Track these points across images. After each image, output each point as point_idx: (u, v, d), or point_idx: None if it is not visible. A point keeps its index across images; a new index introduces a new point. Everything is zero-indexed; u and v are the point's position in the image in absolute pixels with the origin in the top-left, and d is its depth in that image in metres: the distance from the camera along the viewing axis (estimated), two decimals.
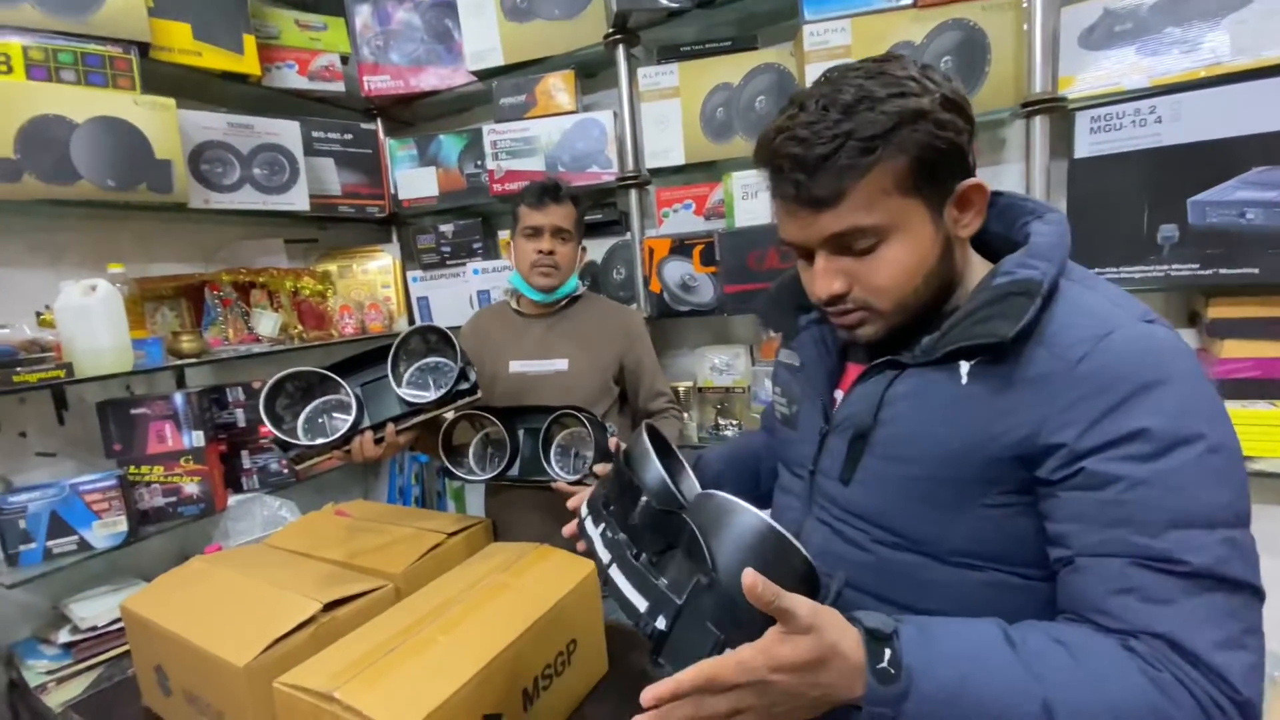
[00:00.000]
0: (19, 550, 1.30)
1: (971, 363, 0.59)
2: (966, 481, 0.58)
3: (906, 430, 0.62)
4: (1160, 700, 0.47)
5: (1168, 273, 1.25)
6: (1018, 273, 0.58)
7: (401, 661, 0.87)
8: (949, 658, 0.50)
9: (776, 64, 1.52)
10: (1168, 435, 0.51)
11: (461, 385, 1.16)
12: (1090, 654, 0.49)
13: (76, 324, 1.33)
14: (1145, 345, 0.54)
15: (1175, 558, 0.49)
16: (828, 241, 0.61)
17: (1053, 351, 0.55)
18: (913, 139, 0.56)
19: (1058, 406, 0.54)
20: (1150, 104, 1.23)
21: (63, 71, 1.37)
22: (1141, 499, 0.50)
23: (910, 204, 0.59)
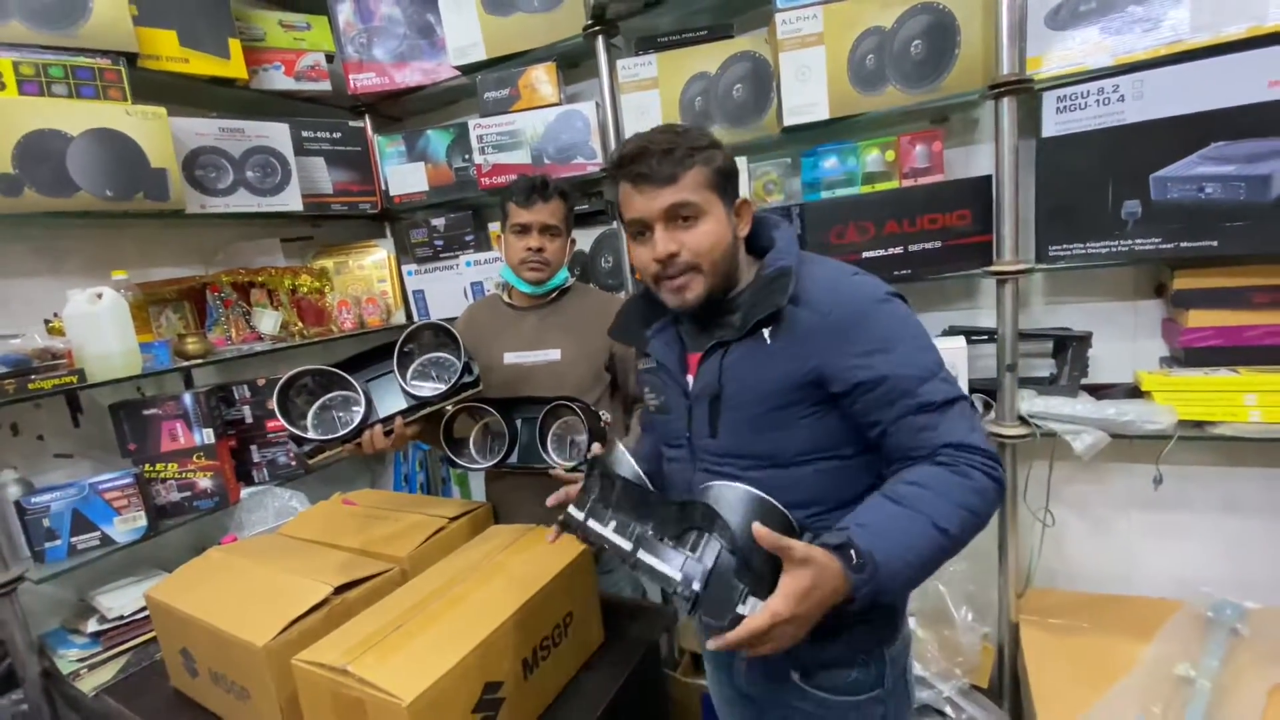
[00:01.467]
0: (44, 547, 1.37)
1: (769, 329, 0.86)
2: (786, 406, 0.86)
3: (741, 384, 0.88)
4: (966, 482, 0.77)
5: (1132, 247, 1.29)
6: (777, 264, 0.88)
7: (409, 637, 0.94)
8: (881, 532, 0.73)
9: (752, 52, 1.54)
10: (885, 340, 0.82)
11: (465, 379, 1.23)
12: (928, 480, 0.78)
13: (85, 331, 1.38)
14: (855, 295, 0.85)
15: (930, 400, 0.80)
16: (666, 212, 0.85)
17: (811, 309, 0.84)
18: (715, 156, 0.87)
19: (824, 348, 0.83)
20: (1114, 83, 1.26)
21: (54, 85, 1.40)
22: (900, 379, 0.80)
23: (714, 198, 0.87)
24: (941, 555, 0.76)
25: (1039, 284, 1.54)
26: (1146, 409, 1.31)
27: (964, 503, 0.76)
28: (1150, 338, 1.46)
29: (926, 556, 0.75)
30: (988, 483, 0.78)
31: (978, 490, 0.77)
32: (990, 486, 0.78)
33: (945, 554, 0.76)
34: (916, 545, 0.74)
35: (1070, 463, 1.47)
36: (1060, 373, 1.46)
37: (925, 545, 0.74)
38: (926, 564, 0.75)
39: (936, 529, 0.74)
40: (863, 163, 1.50)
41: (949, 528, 0.75)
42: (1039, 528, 1.55)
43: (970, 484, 0.77)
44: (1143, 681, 1.23)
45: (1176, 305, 1.36)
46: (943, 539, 0.75)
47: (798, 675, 0.94)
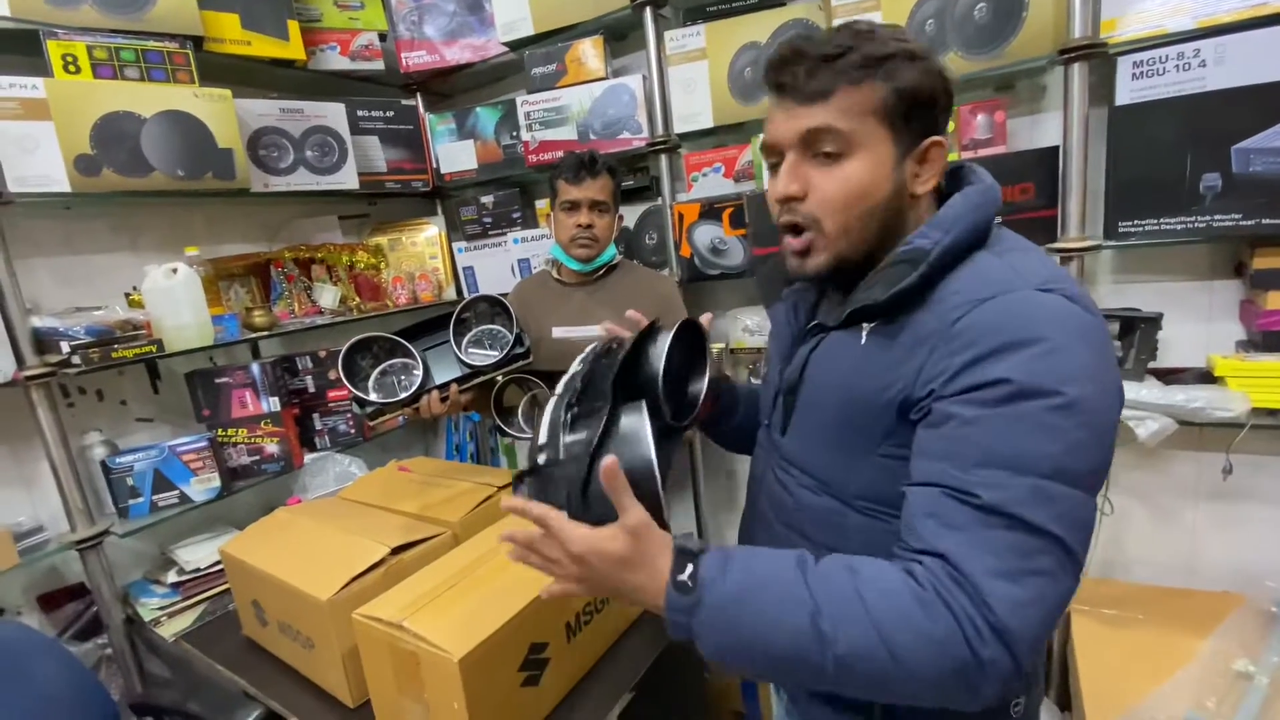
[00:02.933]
0: (128, 504, 1.48)
1: (870, 325, 0.65)
2: (863, 429, 0.64)
3: (822, 384, 0.70)
4: (919, 615, 0.51)
5: (1210, 223, 1.22)
6: (913, 242, 0.62)
7: (460, 596, 0.98)
8: (737, 573, 0.57)
9: (804, 19, 1.49)
10: (1017, 388, 0.53)
11: (517, 349, 1.27)
12: (871, 577, 0.54)
13: (162, 304, 1.47)
14: (1024, 308, 0.56)
15: (972, 491, 0.53)
16: (802, 139, 0.64)
17: (935, 313, 0.60)
18: (902, 72, 0.61)
19: (931, 360, 0.58)
20: (1194, 47, 1.18)
21: (126, 69, 1.47)
22: (963, 437, 0.55)
23: (880, 132, 0.62)
24: (796, 663, 0.54)
25: (1107, 262, 1.46)
26: (1218, 395, 1.24)
27: (885, 626, 0.51)
28: (1226, 320, 1.38)
29: (774, 649, 0.54)
30: (953, 641, 0.50)
31: (925, 635, 0.51)
32: (954, 650, 0.50)
33: (802, 667, 0.54)
34: (769, 626, 0.54)
35: (1133, 449, 1.40)
36: (1126, 355, 1.39)
37: (781, 636, 0.54)
38: (768, 658, 0.55)
39: (814, 627, 0.52)
40: None
41: (829, 631, 0.52)
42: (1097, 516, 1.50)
43: (925, 622, 0.51)
44: (1198, 675, 1.19)
45: (1256, 286, 1.27)
46: (811, 645, 0.53)
47: None
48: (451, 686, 0.87)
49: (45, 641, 1.23)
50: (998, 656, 0.50)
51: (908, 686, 0.52)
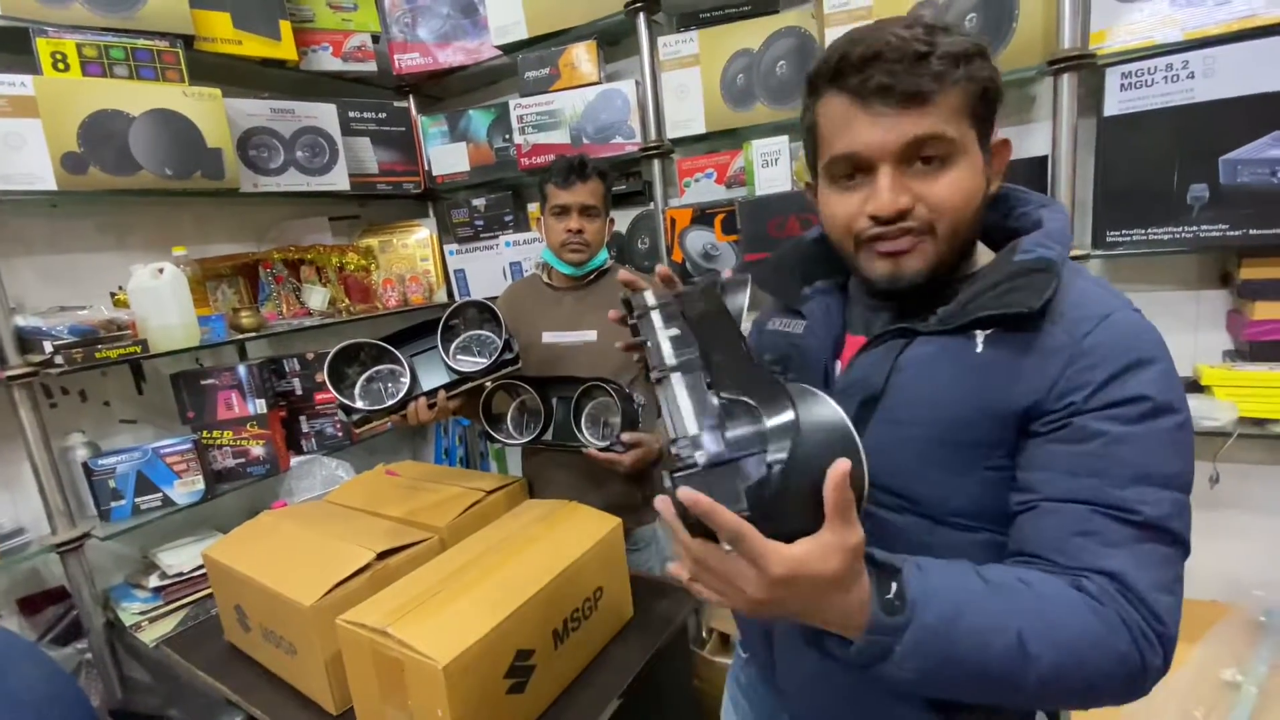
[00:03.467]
0: (110, 506, 1.46)
1: (988, 332, 0.61)
2: (973, 444, 0.61)
3: (919, 394, 0.63)
4: (1103, 632, 0.52)
5: (1197, 233, 1.23)
6: (1038, 251, 0.60)
7: (446, 602, 0.97)
8: (945, 590, 0.53)
9: (798, 27, 1.50)
10: (1154, 405, 0.55)
11: (506, 355, 1.26)
12: (1049, 592, 0.54)
13: (148, 304, 1.46)
14: (1139, 328, 0.59)
15: (1132, 508, 0.54)
16: (904, 149, 0.59)
17: (1063, 326, 0.58)
18: (982, 71, 0.59)
19: (1066, 373, 0.57)
20: (1183, 59, 1.19)
21: (115, 67, 1.46)
22: (1116, 454, 0.55)
23: (972, 133, 0.60)
24: (1000, 682, 0.53)
25: (1095, 271, 1.47)
26: (1205, 405, 1.25)
27: (1077, 645, 0.52)
28: (1213, 330, 1.39)
29: (990, 666, 0.52)
30: (1130, 653, 0.52)
31: (1110, 649, 0.52)
32: (1130, 661, 0.52)
33: (1004, 685, 0.53)
34: (979, 648, 0.51)
35: None
36: None
37: (991, 655, 0.51)
38: (972, 677, 0.53)
39: (1018, 642, 0.51)
40: None
41: (1035, 651, 0.51)
42: None
43: (1104, 635, 0.52)
44: (1186, 684, 1.19)
45: (1243, 296, 1.29)
46: (1017, 664, 0.51)
47: None
48: (436, 694, 0.85)
49: (25, 645, 1.20)
50: (1161, 662, 0.54)
51: (1086, 697, 0.55)
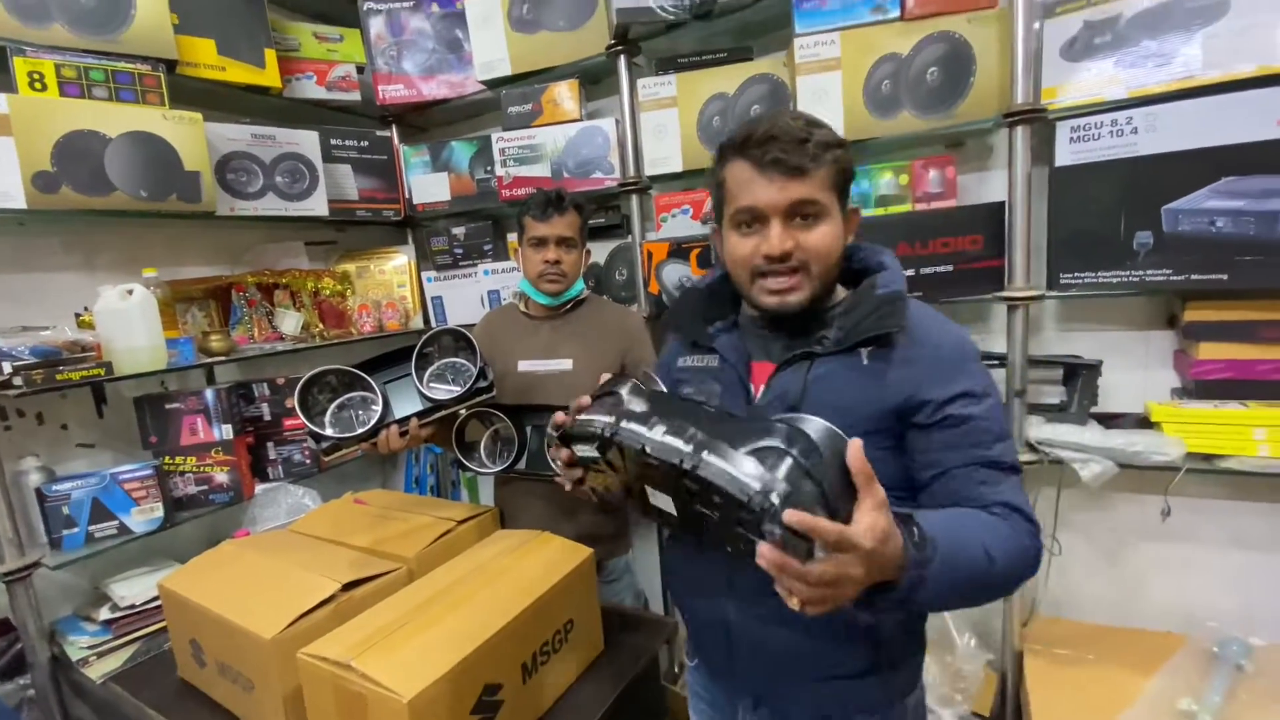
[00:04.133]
0: (62, 534, 1.40)
1: (869, 349, 0.82)
2: (868, 432, 0.74)
3: (826, 401, 0.81)
4: (1017, 536, 0.76)
5: (1143, 277, 1.30)
6: (893, 286, 0.84)
7: (412, 635, 0.95)
8: (940, 526, 0.70)
9: (770, 74, 1.57)
10: (985, 388, 0.81)
11: (481, 383, 1.26)
12: (982, 518, 0.76)
13: (115, 325, 1.43)
14: (964, 338, 0.84)
15: (999, 459, 0.79)
16: (790, 207, 0.80)
17: (917, 340, 0.82)
18: (843, 157, 0.81)
19: (927, 378, 0.80)
20: (1127, 115, 1.28)
21: (94, 89, 1.46)
22: (979, 428, 0.79)
23: (834, 200, 0.82)
24: (983, 582, 0.73)
25: (1051, 310, 1.54)
26: (1155, 440, 1.31)
27: (1009, 550, 0.74)
28: (1161, 368, 1.46)
29: (975, 573, 0.71)
30: (1030, 547, 0.77)
31: (1021, 549, 0.76)
32: (1031, 549, 0.77)
33: (985, 584, 0.74)
34: (967, 555, 0.70)
35: (1078, 491, 1.46)
36: (1070, 400, 1.46)
37: (973, 560, 0.71)
38: (971, 581, 0.72)
39: (986, 552, 0.71)
40: (876, 185, 1.52)
41: (997, 558, 0.72)
42: (1045, 556, 1.54)
43: (1018, 540, 0.75)
44: (1144, 715, 1.22)
45: (1187, 337, 1.36)
46: (988, 565, 0.71)
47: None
48: None
49: None
50: (1040, 543, 0.79)
51: (1018, 581, 0.78)
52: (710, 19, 1.58)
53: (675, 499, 0.74)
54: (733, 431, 0.66)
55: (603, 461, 0.80)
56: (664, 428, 0.70)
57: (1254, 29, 1.18)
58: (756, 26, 1.64)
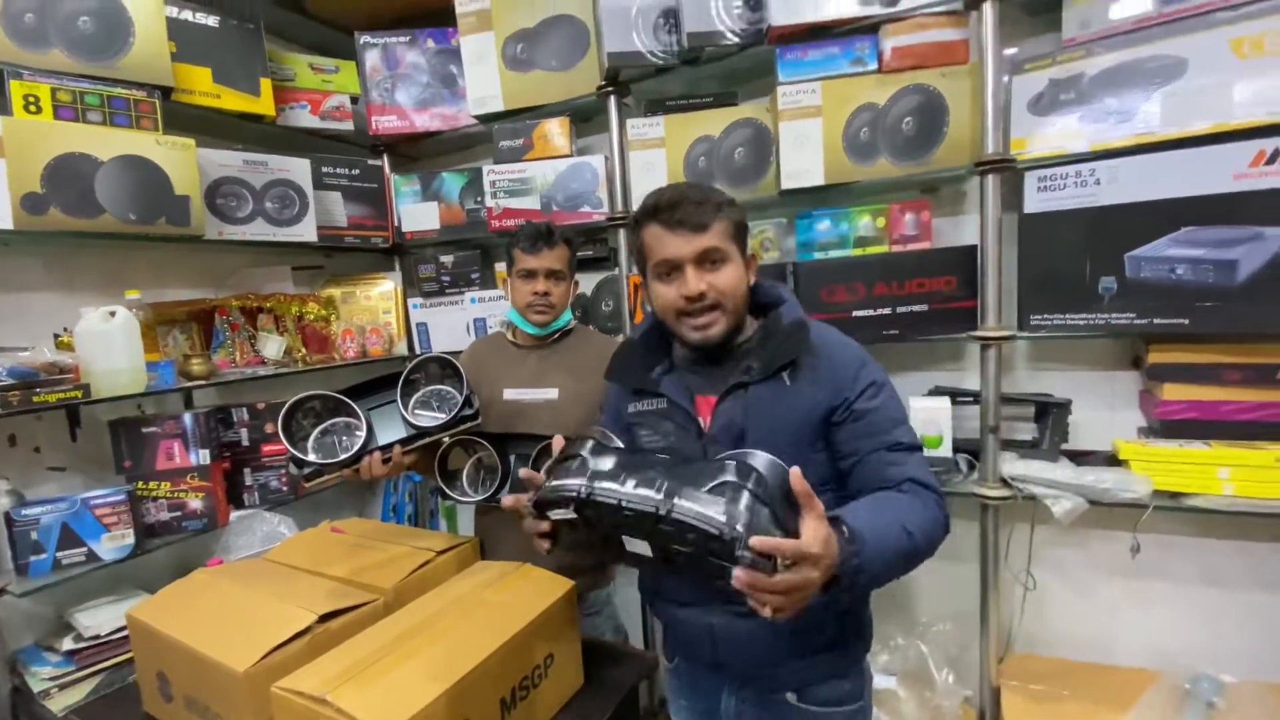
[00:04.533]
0: (29, 560, 1.37)
1: (787, 372, 0.97)
2: (802, 441, 0.96)
3: (765, 420, 0.97)
4: (926, 508, 0.90)
5: (1109, 321, 1.35)
6: (795, 315, 1.01)
7: (389, 669, 0.94)
8: (863, 517, 0.82)
9: (754, 119, 1.63)
10: (879, 384, 0.97)
11: (466, 411, 1.26)
12: (897, 498, 0.90)
13: (95, 347, 1.42)
14: (854, 347, 1.01)
15: (900, 442, 0.94)
16: (699, 255, 0.96)
17: (823, 356, 0.98)
18: (734, 213, 0.99)
19: (835, 385, 0.96)
20: (1090, 167, 1.35)
21: (89, 113, 1.47)
22: (882, 418, 0.95)
23: (734, 248, 0.98)
24: (908, 554, 0.86)
25: (1022, 350, 1.59)
26: (1124, 477, 1.35)
27: (922, 521, 0.88)
28: (1128, 408, 1.51)
29: (900, 549, 0.84)
30: (939, 515, 0.92)
31: (933, 518, 0.90)
32: (940, 517, 0.92)
33: (910, 555, 0.86)
34: (890, 537, 0.83)
35: (1052, 527, 1.49)
36: (1042, 437, 1.50)
37: (896, 540, 0.84)
38: (898, 556, 0.84)
39: (904, 530, 0.85)
40: (855, 227, 1.58)
41: (914, 532, 0.86)
42: (1020, 591, 1.57)
43: (927, 511, 0.90)
44: None
45: (1152, 378, 1.41)
46: (908, 540, 0.85)
47: (794, 696, 1.04)
48: None
49: None
50: (944, 507, 0.93)
51: (932, 546, 0.89)
52: (698, 65, 1.65)
53: (651, 542, 0.79)
54: (693, 474, 0.77)
55: (579, 522, 0.85)
56: (634, 481, 0.78)
57: (1209, 89, 1.26)
58: (742, 73, 1.71)
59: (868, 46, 1.50)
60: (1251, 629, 1.42)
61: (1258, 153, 1.21)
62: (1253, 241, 1.22)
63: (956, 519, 1.01)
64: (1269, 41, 1.21)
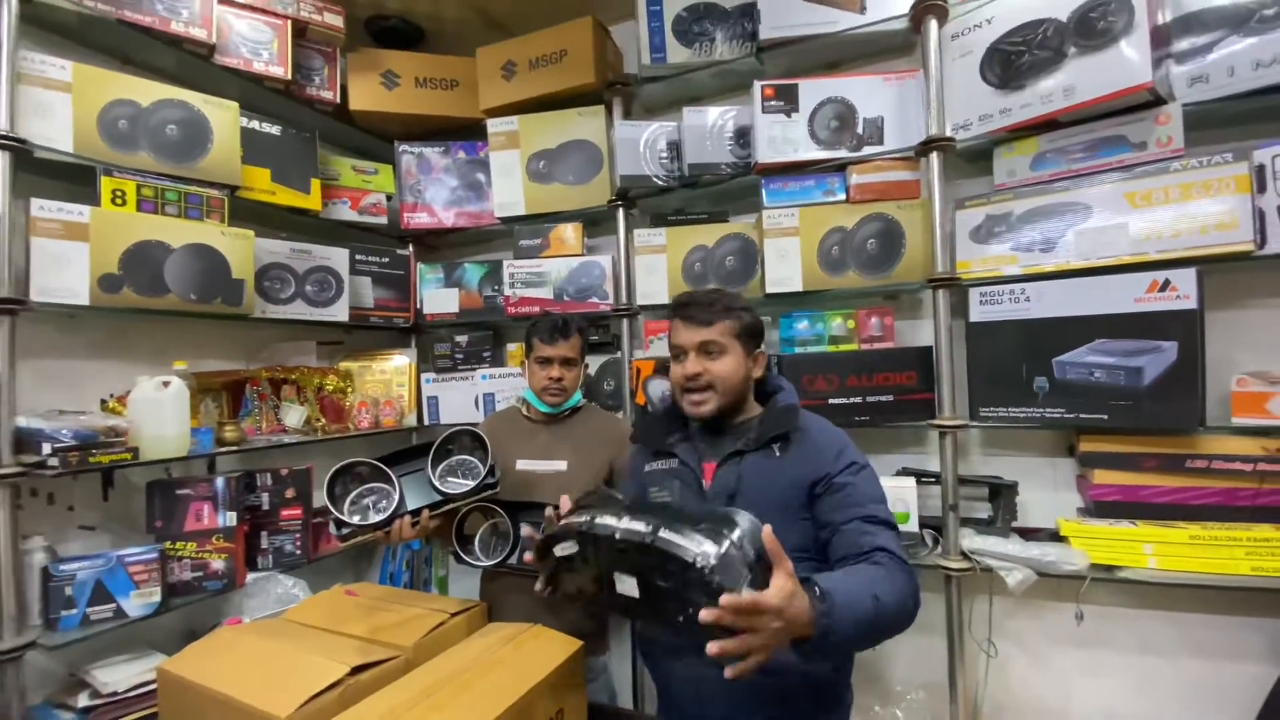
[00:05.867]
0: (60, 615, 1.43)
1: (778, 445, 1.16)
2: (788, 508, 1.12)
3: (755, 486, 1.14)
4: (898, 577, 1.01)
5: (1043, 414, 1.59)
6: (788, 400, 1.23)
7: (424, 716, 1.04)
8: (834, 585, 0.91)
9: (742, 234, 1.92)
10: (858, 464, 1.14)
11: (490, 479, 1.41)
12: (869, 570, 1.01)
13: (148, 413, 1.55)
14: (838, 433, 1.21)
15: (875, 516, 1.08)
16: (700, 345, 1.20)
17: (811, 437, 1.17)
18: (743, 316, 1.22)
19: (819, 461, 1.13)
20: (1021, 287, 1.62)
21: (167, 206, 1.68)
22: (859, 492, 1.11)
23: (736, 343, 1.21)
24: (877, 620, 0.94)
25: (976, 437, 1.82)
26: (1065, 552, 1.53)
27: (892, 589, 0.98)
28: (1069, 490, 1.72)
29: (868, 615, 0.92)
30: (909, 584, 1.02)
31: (901, 587, 1.00)
32: (910, 588, 1.02)
33: (879, 620, 0.94)
34: (859, 603, 0.92)
35: (1009, 598, 1.66)
36: (995, 515, 1.69)
37: (866, 605, 0.93)
38: (868, 621, 0.93)
39: (874, 597, 0.94)
40: (828, 327, 1.83)
41: (883, 598, 0.95)
42: (984, 659, 1.71)
43: (896, 580, 1.00)
44: None
45: (1084, 464, 1.63)
46: (877, 605, 0.93)
47: None
48: None
49: None
50: (914, 578, 1.04)
51: (909, 615, 1.00)
52: (695, 187, 1.94)
53: (639, 579, 0.91)
54: (684, 517, 0.89)
55: (578, 559, 0.99)
56: (629, 518, 0.90)
57: (1110, 229, 1.55)
58: (733, 192, 2.01)
59: (837, 181, 1.81)
60: (1185, 695, 1.58)
61: (1151, 281, 1.48)
62: (1154, 353, 1.48)
63: (925, 591, 1.12)
64: (1155, 195, 1.51)
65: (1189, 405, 1.43)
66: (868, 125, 1.79)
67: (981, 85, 1.65)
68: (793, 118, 1.80)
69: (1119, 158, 1.55)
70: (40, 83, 1.51)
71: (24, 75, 1.48)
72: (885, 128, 1.78)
